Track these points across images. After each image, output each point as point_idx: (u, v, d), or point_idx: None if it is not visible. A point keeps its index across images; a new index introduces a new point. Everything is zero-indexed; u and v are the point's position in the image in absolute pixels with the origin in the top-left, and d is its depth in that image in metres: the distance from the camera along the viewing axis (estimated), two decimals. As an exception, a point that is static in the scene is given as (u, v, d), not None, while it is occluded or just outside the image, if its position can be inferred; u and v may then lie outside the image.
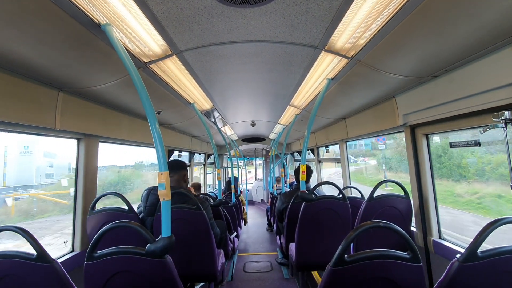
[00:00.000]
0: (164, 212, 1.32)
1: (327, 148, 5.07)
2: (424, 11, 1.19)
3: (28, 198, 5.87)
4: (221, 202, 3.19)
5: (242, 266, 4.02)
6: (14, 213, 5.21)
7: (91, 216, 2.19)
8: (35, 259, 1.19)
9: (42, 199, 5.79)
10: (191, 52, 1.85)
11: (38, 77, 1.72)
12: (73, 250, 2.29)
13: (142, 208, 2.22)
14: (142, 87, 1.35)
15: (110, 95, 2.22)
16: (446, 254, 2.11)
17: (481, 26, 1.27)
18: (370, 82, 2.19)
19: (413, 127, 2.40)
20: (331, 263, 1.08)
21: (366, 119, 3.15)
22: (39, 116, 1.82)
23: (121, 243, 1.32)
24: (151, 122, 1.34)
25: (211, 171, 7.85)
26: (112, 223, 1.28)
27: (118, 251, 1.26)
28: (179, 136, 4.61)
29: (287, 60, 2.08)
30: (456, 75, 1.77)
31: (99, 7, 1.23)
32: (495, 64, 1.50)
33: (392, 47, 1.57)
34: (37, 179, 7.31)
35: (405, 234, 1.08)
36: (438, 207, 2.33)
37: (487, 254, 0.99)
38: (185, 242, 2.07)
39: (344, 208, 2.39)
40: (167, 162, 1.38)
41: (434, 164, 2.35)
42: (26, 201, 5.75)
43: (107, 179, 5.19)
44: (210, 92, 2.85)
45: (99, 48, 1.49)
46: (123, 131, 2.83)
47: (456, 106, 1.83)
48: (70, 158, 2.40)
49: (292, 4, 1.34)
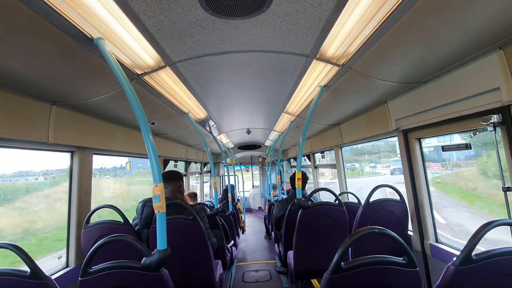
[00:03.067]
0: (159, 224, 1.31)
1: (323, 154, 5.10)
2: (411, 19, 1.22)
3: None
4: (218, 211, 3.16)
5: (241, 276, 3.96)
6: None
7: (86, 230, 2.15)
8: (29, 277, 1.17)
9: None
10: (184, 63, 1.86)
11: (30, 91, 1.71)
12: (67, 265, 2.24)
13: (138, 220, 2.20)
14: (135, 99, 1.35)
15: (103, 107, 2.22)
16: (443, 257, 2.11)
17: (466, 33, 1.31)
18: (362, 89, 2.23)
19: (405, 132, 2.43)
20: (328, 271, 1.07)
21: (360, 125, 3.18)
22: (31, 130, 1.80)
23: (117, 257, 1.30)
24: (145, 134, 1.34)
25: (207, 180, 7.80)
26: (107, 238, 1.26)
27: (113, 266, 1.24)
28: (174, 146, 4.59)
29: (280, 69, 2.11)
30: (444, 80, 1.81)
31: (91, 22, 1.24)
32: (481, 69, 1.54)
33: (381, 55, 1.61)
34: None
35: (399, 239, 1.08)
36: (433, 210, 2.35)
37: (481, 257, 1.00)
38: (181, 253, 2.04)
39: (341, 214, 2.39)
40: (161, 174, 1.38)
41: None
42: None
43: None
44: (205, 101, 2.86)
45: (92, 62, 1.49)
46: (118, 142, 2.82)
47: (446, 110, 1.87)
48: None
49: (282, 15, 1.37)
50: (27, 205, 2.86)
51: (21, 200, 2.79)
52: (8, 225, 2.52)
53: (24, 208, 2.80)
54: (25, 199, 2.87)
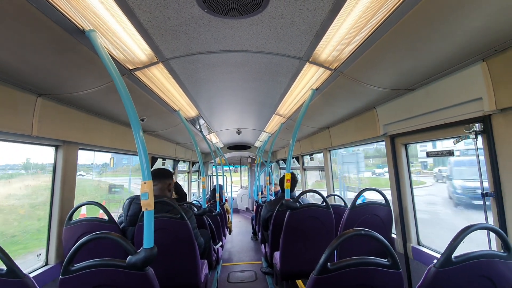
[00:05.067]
0: (147, 222, 1.29)
1: (311, 156, 5.16)
2: (402, 28, 1.26)
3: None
4: (205, 211, 3.14)
5: (226, 277, 3.94)
6: None
7: (68, 227, 2.09)
8: (5, 275, 1.12)
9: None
10: (177, 60, 1.85)
11: (15, 82, 1.65)
12: (47, 263, 2.17)
13: (124, 217, 2.15)
14: (126, 94, 1.32)
15: (92, 101, 2.16)
16: (424, 260, 2.18)
17: (452, 44, 1.37)
18: (352, 93, 2.27)
19: (392, 137, 2.50)
20: (314, 272, 1.09)
21: (349, 129, 3.24)
22: (14, 122, 1.73)
23: (100, 256, 1.26)
24: (135, 130, 1.31)
25: (195, 179, 7.72)
26: (91, 235, 1.23)
27: (97, 264, 1.21)
28: (163, 143, 4.53)
29: (273, 70, 2.13)
30: (431, 88, 1.88)
31: (83, 13, 1.21)
32: (465, 79, 1.61)
33: (372, 61, 1.65)
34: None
35: (385, 241, 1.11)
36: (416, 215, 2.42)
37: (460, 259, 1.04)
38: (167, 252, 2.01)
39: (327, 216, 2.43)
40: (150, 171, 1.36)
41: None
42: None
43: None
44: (196, 99, 2.84)
45: (82, 54, 1.45)
46: (105, 138, 2.75)
47: (432, 117, 1.94)
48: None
49: (278, 17, 1.38)
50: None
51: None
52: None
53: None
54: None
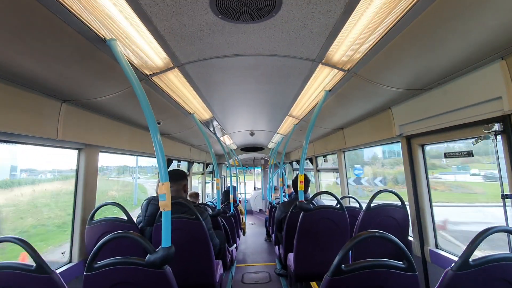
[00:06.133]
0: (165, 222, 1.34)
1: (325, 157, 5.11)
2: (417, 27, 1.25)
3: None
4: (220, 212, 3.18)
5: (240, 277, 3.97)
6: None
7: (90, 227, 2.19)
8: (34, 271, 1.19)
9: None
10: (192, 65, 1.90)
11: (41, 89, 1.76)
12: (70, 261, 2.28)
13: (142, 218, 2.22)
14: (144, 99, 1.38)
15: (112, 106, 2.26)
16: (442, 264, 2.12)
17: (470, 43, 1.33)
18: (366, 94, 2.25)
19: (409, 138, 2.44)
20: (328, 273, 1.09)
21: (364, 130, 3.20)
22: (41, 127, 1.84)
23: (119, 254, 1.32)
24: (153, 133, 1.37)
25: (209, 180, 7.82)
26: (113, 233, 1.29)
27: (119, 262, 1.27)
28: (178, 146, 4.63)
29: (286, 73, 2.14)
30: (448, 88, 1.83)
31: (105, 23, 1.28)
32: (484, 78, 1.56)
33: (386, 61, 1.63)
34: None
35: (400, 243, 1.10)
36: (434, 217, 2.36)
37: (478, 263, 1.02)
38: (183, 252, 2.06)
39: (342, 217, 2.41)
40: (167, 173, 1.40)
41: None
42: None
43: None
44: (210, 102, 2.90)
45: (103, 61, 1.53)
46: (124, 141, 2.86)
47: (450, 117, 1.89)
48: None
49: (291, 21, 1.40)
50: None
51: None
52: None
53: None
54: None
